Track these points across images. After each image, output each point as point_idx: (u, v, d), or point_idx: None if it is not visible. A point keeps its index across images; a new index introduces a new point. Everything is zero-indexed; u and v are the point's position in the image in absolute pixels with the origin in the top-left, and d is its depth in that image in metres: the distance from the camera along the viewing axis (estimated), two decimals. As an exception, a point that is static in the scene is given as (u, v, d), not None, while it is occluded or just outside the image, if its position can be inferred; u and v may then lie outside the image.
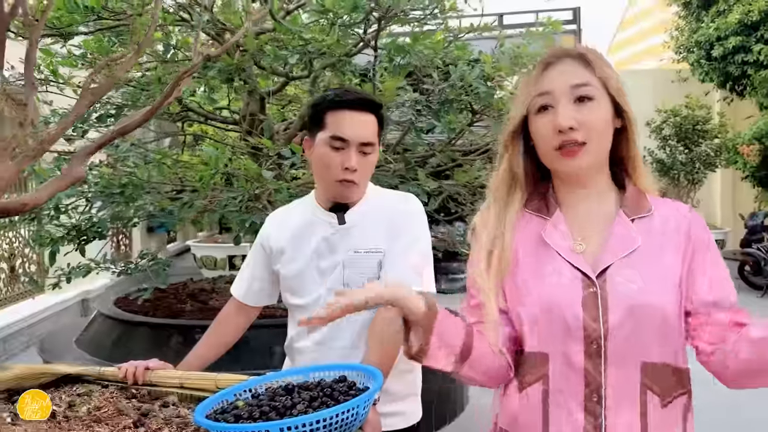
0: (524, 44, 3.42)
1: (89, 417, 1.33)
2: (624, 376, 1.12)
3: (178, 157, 4.32)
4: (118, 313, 4.03)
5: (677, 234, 1.19)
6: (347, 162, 1.58)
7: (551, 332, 1.15)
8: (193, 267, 8.81)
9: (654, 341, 1.13)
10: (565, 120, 1.14)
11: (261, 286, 1.80)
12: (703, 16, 9.94)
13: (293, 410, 1.15)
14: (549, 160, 1.20)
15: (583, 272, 1.16)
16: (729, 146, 10.18)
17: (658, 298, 1.14)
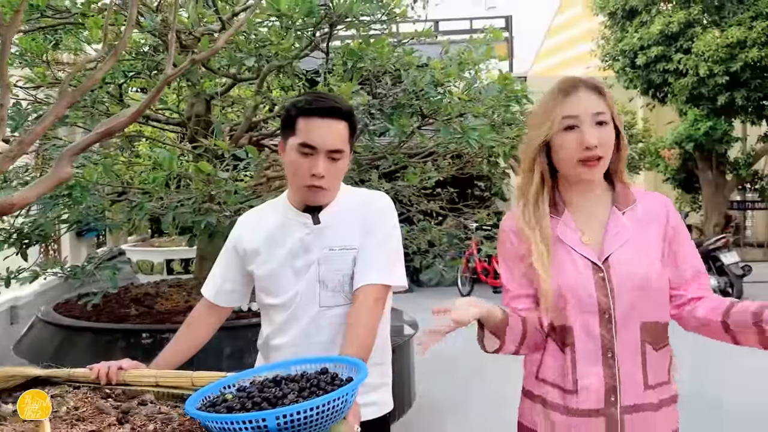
0: (469, 50, 3.53)
1: (70, 416, 1.33)
2: (629, 335, 1.50)
3: (117, 158, 4.24)
4: (59, 318, 3.92)
5: (658, 219, 1.55)
6: (314, 169, 1.62)
7: (574, 309, 1.50)
8: (127, 272, 8.56)
9: (648, 305, 1.51)
10: (592, 139, 1.48)
11: (233, 287, 1.82)
12: (627, 26, 10.42)
13: (284, 400, 1.20)
14: (571, 168, 1.53)
15: (593, 261, 1.51)
16: (651, 150, 10.74)
17: (648, 271, 1.50)
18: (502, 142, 3.55)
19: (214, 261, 1.91)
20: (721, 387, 5.05)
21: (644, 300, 1.50)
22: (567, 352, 1.52)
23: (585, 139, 1.48)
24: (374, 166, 3.42)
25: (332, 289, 1.69)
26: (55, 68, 3.91)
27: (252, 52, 2.82)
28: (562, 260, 1.52)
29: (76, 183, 2.95)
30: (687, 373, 1.73)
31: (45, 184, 1.17)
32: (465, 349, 6.44)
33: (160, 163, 2.72)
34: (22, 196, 1.13)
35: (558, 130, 1.51)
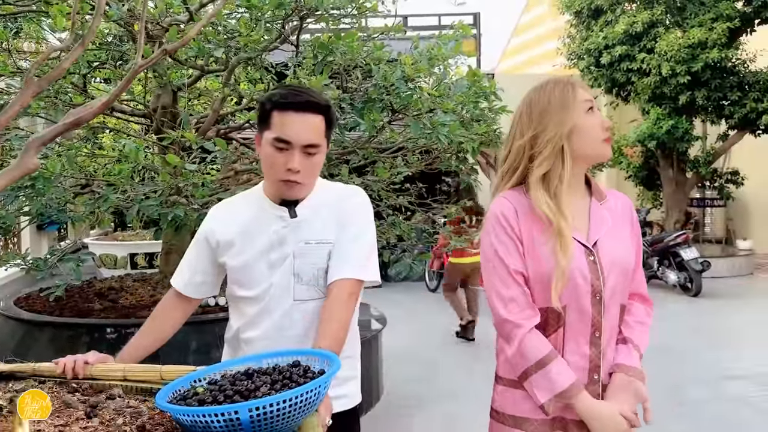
0: (438, 46, 3.55)
1: (36, 411, 1.31)
2: (613, 316, 1.64)
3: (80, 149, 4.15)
4: (19, 313, 3.84)
5: (623, 214, 1.72)
6: (290, 163, 1.61)
7: (568, 290, 1.58)
8: (90, 266, 8.41)
9: (625, 288, 1.67)
10: (606, 120, 1.66)
11: (203, 279, 1.80)
12: (592, 25, 10.58)
13: (257, 392, 1.19)
14: (597, 147, 1.63)
15: (584, 245, 1.61)
16: (615, 148, 10.90)
17: (627, 258, 1.67)
18: (471, 138, 3.58)
19: (181, 255, 1.88)
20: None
21: (624, 283, 1.66)
22: (558, 332, 1.60)
23: (604, 120, 1.64)
24: (344, 160, 3.42)
25: (307, 283, 1.68)
26: (17, 57, 3.81)
27: (221, 43, 2.79)
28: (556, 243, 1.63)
29: (39, 174, 2.89)
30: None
31: (11, 175, 1.14)
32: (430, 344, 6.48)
33: (125, 154, 2.68)
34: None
35: (582, 113, 1.62)
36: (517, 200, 1.63)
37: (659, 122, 10.23)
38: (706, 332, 6.91)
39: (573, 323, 1.59)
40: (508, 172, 1.69)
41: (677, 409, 4.54)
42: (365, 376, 4.29)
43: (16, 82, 3.88)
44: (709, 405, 4.62)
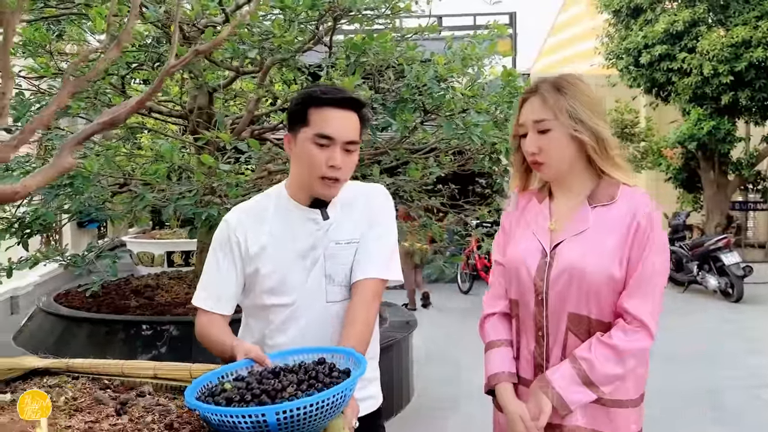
0: (473, 44, 3.53)
1: (68, 407, 1.33)
2: (558, 321, 1.60)
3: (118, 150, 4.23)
4: (59, 309, 3.93)
5: (622, 222, 1.57)
6: (332, 160, 1.57)
7: (518, 286, 1.66)
8: (128, 264, 8.58)
9: (583, 299, 1.57)
10: (530, 147, 1.60)
11: (236, 291, 1.69)
12: (631, 24, 10.39)
13: (283, 393, 1.20)
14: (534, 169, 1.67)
15: (543, 245, 1.62)
16: (654, 149, 10.70)
17: (587, 266, 1.55)
18: (504, 138, 3.54)
19: None
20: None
21: (576, 293, 1.56)
22: (514, 323, 1.70)
23: (525, 145, 1.62)
24: (376, 161, 3.42)
25: (339, 284, 1.66)
26: (58, 59, 3.90)
27: (255, 45, 2.81)
28: (521, 242, 1.67)
29: (77, 173, 2.95)
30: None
31: (47, 174, 1.16)
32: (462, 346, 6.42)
33: (161, 154, 2.71)
34: (24, 184, 1.12)
35: (519, 136, 1.65)
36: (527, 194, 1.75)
37: (700, 123, 9.99)
38: (747, 338, 6.72)
39: (523, 318, 1.66)
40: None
41: (715, 414, 4.43)
42: (396, 378, 4.29)
43: (59, 83, 3.97)
44: (749, 412, 4.49)
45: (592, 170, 1.63)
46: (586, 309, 1.57)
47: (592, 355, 1.53)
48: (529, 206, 1.71)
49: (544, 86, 1.59)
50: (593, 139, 1.57)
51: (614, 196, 1.59)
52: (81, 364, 1.60)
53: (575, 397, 1.53)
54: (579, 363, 1.54)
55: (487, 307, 1.77)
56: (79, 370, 1.59)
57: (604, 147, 1.58)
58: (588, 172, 1.63)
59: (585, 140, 1.56)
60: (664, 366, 5.49)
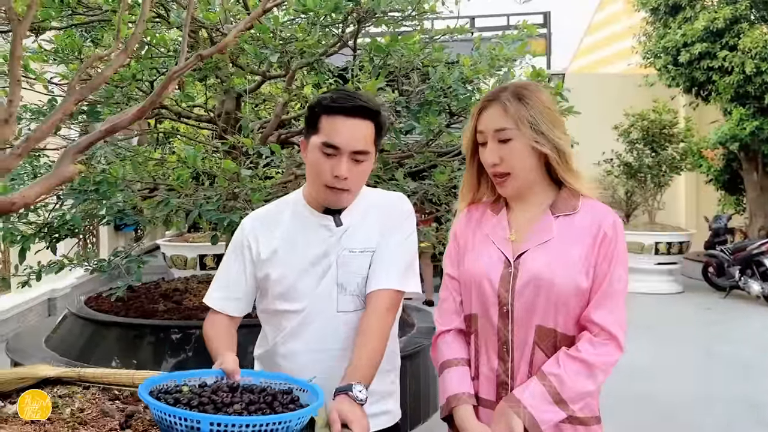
0: (500, 45, 3.45)
1: (73, 419, 1.31)
2: (524, 334, 1.53)
3: (150, 155, 4.26)
4: (88, 312, 3.96)
5: (587, 231, 1.53)
6: (337, 170, 1.55)
7: (479, 299, 1.58)
8: (162, 266, 8.69)
9: (550, 311, 1.51)
10: (491, 157, 1.55)
11: (245, 294, 1.71)
12: (670, 22, 10.13)
13: (229, 408, 1.20)
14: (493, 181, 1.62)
15: (506, 256, 1.56)
16: (694, 150, 10.41)
17: (555, 276, 1.49)
18: (534, 141, 3.46)
19: None
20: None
21: (543, 304, 1.51)
22: (472, 339, 1.61)
23: (486, 156, 1.56)
24: (400, 164, 3.37)
25: (351, 293, 1.62)
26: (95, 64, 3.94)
27: (277, 48, 2.79)
28: (482, 253, 1.60)
29: (103, 179, 2.97)
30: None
31: (47, 183, 1.14)
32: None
33: (184, 160, 2.71)
34: (23, 194, 1.11)
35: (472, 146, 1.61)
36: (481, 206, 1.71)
37: (742, 123, 9.68)
38: (793, 347, 6.48)
39: (483, 333, 1.58)
40: None
41: (759, 429, 4.25)
42: (423, 385, 4.23)
43: (90, 89, 4.01)
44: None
45: (550, 181, 1.60)
46: (553, 321, 1.52)
47: (561, 371, 1.45)
48: (484, 218, 1.66)
49: (505, 95, 1.55)
50: (554, 152, 1.54)
51: (576, 207, 1.57)
52: (92, 374, 1.58)
53: (547, 416, 1.44)
54: (548, 379, 1.45)
55: (440, 324, 1.67)
56: (91, 380, 1.57)
57: (564, 159, 1.55)
58: (546, 183, 1.61)
59: (546, 152, 1.53)
60: (705, 373, 5.31)
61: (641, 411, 4.59)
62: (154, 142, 5.18)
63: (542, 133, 1.52)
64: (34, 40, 3.58)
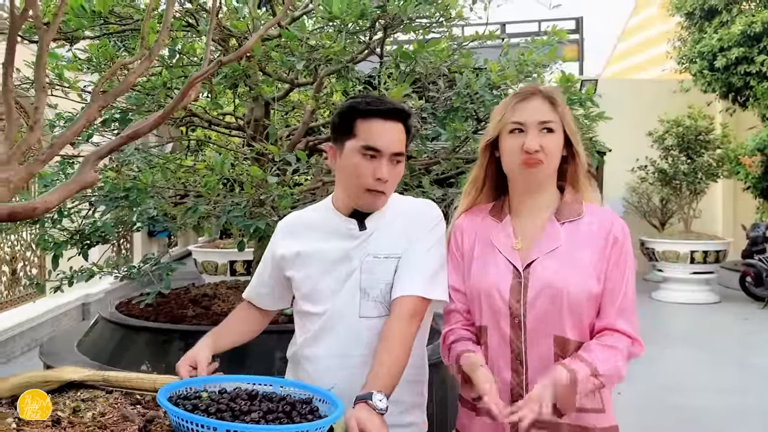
0: (529, 50, 3.42)
1: (94, 423, 1.32)
2: (540, 345, 1.49)
3: (181, 162, 4.32)
4: (119, 317, 4.02)
5: (596, 236, 1.53)
6: (379, 172, 1.57)
7: (489, 310, 1.55)
8: (194, 272, 8.80)
9: (565, 319, 1.48)
10: (533, 144, 1.53)
11: (268, 291, 1.80)
12: (706, 26, 9.95)
13: (247, 416, 1.20)
14: (514, 170, 1.59)
15: (515, 265, 1.54)
16: (731, 157, 10.17)
17: (568, 284, 1.48)
18: (563, 147, 3.41)
19: None
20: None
21: (557, 313, 1.49)
22: (483, 351, 1.57)
23: (527, 143, 1.54)
24: (427, 171, 3.35)
25: (374, 299, 1.62)
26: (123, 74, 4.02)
27: (303, 56, 2.80)
28: (488, 263, 1.58)
29: (133, 186, 3.01)
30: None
31: (68, 189, 1.16)
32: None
33: (212, 167, 2.73)
34: (44, 200, 1.12)
35: (505, 134, 1.59)
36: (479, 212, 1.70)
37: (782, 129, 9.45)
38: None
39: (494, 345, 1.55)
40: None
41: None
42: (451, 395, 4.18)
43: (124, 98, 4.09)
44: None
45: (555, 187, 1.61)
46: (567, 330, 1.50)
47: (591, 354, 1.46)
48: (485, 225, 1.65)
49: (547, 92, 1.60)
50: (575, 156, 1.59)
51: (580, 212, 1.57)
52: (116, 378, 1.59)
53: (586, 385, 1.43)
54: (581, 357, 1.46)
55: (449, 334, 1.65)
56: (114, 384, 1.59)
57: (580, 164, 1.60)
58: (554, 189, 1.61)
59: (579, 151, 1.58)
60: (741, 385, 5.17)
61: (676, 423, 4.48)
62: (185, 150, 5.25)
63: (568, 136, 1.58)
64: (68, 49, 3.66)
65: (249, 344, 3.58)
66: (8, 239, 6.11)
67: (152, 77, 3.96)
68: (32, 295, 6.32)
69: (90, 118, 1.30)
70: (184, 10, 3.34)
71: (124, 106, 3.96)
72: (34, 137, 1.29)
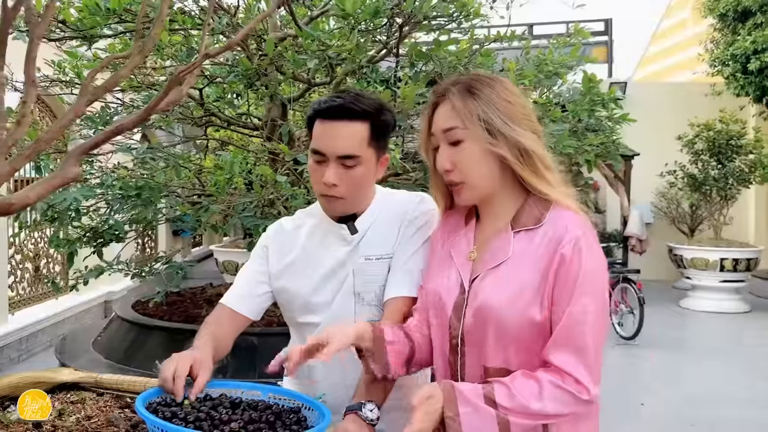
0: (549, 50, 3.34)
1: (77, 427, 1.28)
2: (472, 373, 1.27)
3: (200, 162, 4.31)
4: (133, 316, 4.02)
5: (545, 250, 1.23)
6: (324, 177, 1.47)
7: (435, 324, 1.35)
8: (216, 272, 8.83)
9: (497, 349, 1.24)
10: (443, 162, 1.30)
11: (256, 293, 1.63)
12: (739, 28, 9.70)
13: (225, 426, 1.15)
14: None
15: (462, 280, 1.31)
16: (764, 162, 9.90)
17: (502, 307, 1.22)
18: (585, 149, 3.32)
19: None
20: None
21: (492, 339, 1.23)
22: (428, 369, 1.38)
23: (438, 162, 1.32)
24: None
25: (369, 303, 1.55)
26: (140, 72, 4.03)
27: (315, 54, 2.76)
28: (442, 271, 1.37)
29: (145, 184, 3.00)
30: None
31: (49, 184, 1.12)
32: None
33: (221, 166, 2.70)
34: (21, 196, 1.08)
35: (431, 149, 1.36)
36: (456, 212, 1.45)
37: (818, 134, 9.17)
38: None
39: (438, 365, 1.35)
40: None
41: None
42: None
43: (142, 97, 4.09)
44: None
45: (521, 188, 1.31)
46: (505, 361, 1.23)
47: (507, 380, 1.18)
48: (457, 228, 1.41)
49: (454, 88, 1.30)
50: (513, 152, 1.26)
51: (541, 219, 1.27)
52: (108, 380, 1.56)
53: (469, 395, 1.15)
54: (491, 384, 1.18)
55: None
56: (106, 386, 1.55)
57: (531, 160, 1.27)
58: (516, 190, 1.32)
59: (501, 153, 1.26)
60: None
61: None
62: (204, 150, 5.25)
63: (498, 131, 1.25)
64: (87, 49, 3.67)
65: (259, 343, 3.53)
66: (32, 236, 6.18)
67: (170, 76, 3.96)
68: (55, 292, 6.38)
69: (78, 112, 1.26)
70: (199, 9, 3.33)
71: (141, 105, 3.97)
72: (20, 132, 1.25)
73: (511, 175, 1.29)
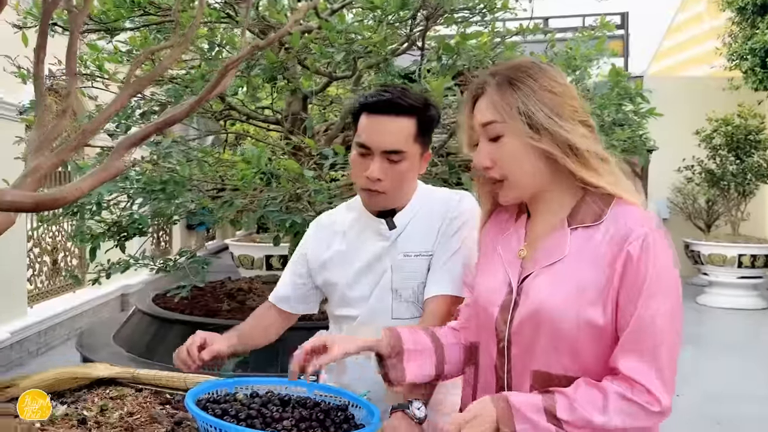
0: (576, 45, 3.30)
1: (121, 423, 1.27)
2: (521, 377, 1.19)
3: (220, 156, 4.30)
4: (155, 310, 4.02)
5: (607, 249, 1.14)
6: (368, 171, 1.47)
7: (481, 326, 1.28)
8: (231, 265, 8.84)
9: (550, 353, 1.15)
10: (481, 159, 1.23)
11: (297, 294, 1.70)
12: (758, 22, 9.58)
13: (278, 424, 1.14)
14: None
15: (511, 279, 1.23)
16: (785, 160, 9.80)
17: (558, 309, 1.13)
18: (612, 144, 3.28)
19: None
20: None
21: (544, 344, 1.15)
22: (472, 371, 1.33)
23: (475, 159, 1.24)
24: (467, 167, 3.25)
25: (407, 300, 1.55)
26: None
27: (342, 47, 2.73)
28: (489, 272, 1.29)
29: (170, 179, 2.99)
30: None
31: (99, 176, 1.11)
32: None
33: (248, 160, 2.69)
34: (73, 187, 1.07)
35: (473, 146, 1.28)
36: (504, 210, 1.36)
37: (838, 129, 9.06)
38: None
39: (483, 368, 1.28)
40: None
41: None
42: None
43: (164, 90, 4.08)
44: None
45: (572, 183, 1.21)
46: (560, 365, 1.15)
47: (570, 391, 1.10)
48: (507, 225, 1.31)
49: (493, 80, 1.22)
50: (558, 147, 1.17)
51: (601, 215, 1.17)
52: (146, 376, 1.55)
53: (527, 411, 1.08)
54: (554, 395, 1.10)
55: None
56: (144, 382, 1.54)
57: (579, 154, 1.17)
58: (572, 185, 1.22)
59: (545, 149, 1.17)
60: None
61: (722, 434, 4.30)
62: (224, 143, 5.24)
63: (541, 125, 1.16)
64: (108, 41, 3.66)
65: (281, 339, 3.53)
66: (50, 230, 6.20)
67: (191, 70, 3.94)
68: (72, 285, 6.40)
69: (120, 106, 1.25)
70: (223, 2, 3.30)
71: (164, 99, 3.95)
72: (64, 124, 1.24)
73: (565, 169, 1.19)
